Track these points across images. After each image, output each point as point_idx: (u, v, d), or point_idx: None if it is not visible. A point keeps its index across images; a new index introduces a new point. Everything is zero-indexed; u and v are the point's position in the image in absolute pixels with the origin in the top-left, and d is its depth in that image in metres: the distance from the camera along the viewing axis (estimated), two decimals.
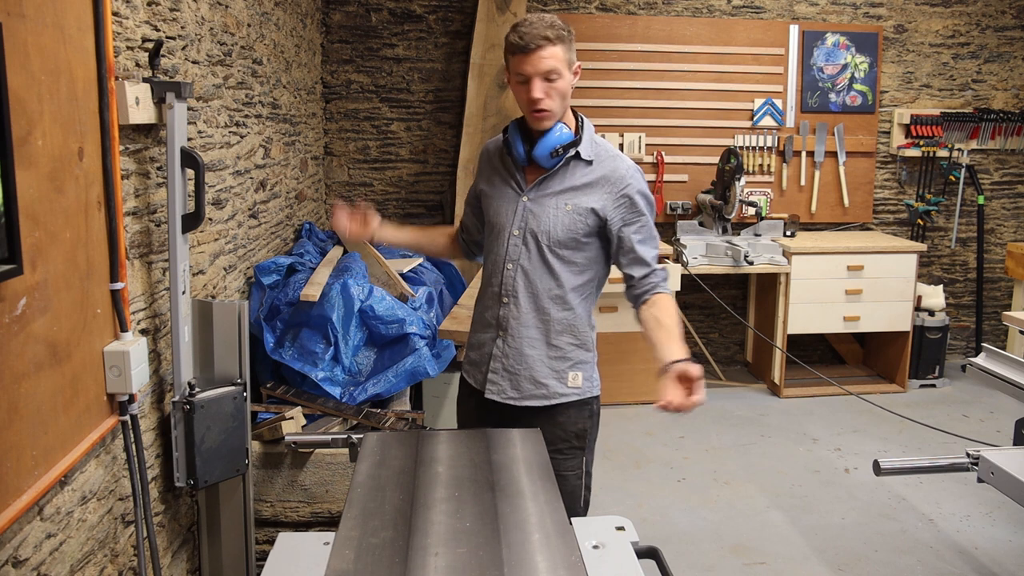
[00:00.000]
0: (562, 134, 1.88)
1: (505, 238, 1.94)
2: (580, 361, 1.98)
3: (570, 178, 1.92)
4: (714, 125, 4.77)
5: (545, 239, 1.90)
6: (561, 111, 1.87)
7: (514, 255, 1.93)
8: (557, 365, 1.95)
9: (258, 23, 3.00)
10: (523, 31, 1.80)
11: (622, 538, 1.56)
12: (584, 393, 1.98)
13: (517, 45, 1.80)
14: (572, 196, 1.90)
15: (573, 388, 1.97)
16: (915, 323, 4.60)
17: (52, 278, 1.45)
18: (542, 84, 1.81)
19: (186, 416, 1.96)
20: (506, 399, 1.96)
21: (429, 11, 4.55)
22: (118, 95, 1.70)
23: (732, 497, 3.36)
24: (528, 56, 1.79)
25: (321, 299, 2.72)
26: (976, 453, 2.04)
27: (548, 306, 1.93)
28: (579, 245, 1.91)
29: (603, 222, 1.90)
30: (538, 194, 1.92)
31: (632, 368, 4.37)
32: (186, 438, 1.97)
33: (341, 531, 1.36)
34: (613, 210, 1.90)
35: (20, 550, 1.39)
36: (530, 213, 1.92)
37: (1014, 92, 5.00)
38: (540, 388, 1.95)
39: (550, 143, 1.87)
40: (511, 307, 1.94)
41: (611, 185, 1.90)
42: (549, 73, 1.80)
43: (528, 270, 1.93)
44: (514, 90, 1.87)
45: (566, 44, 1.82)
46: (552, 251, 1.91)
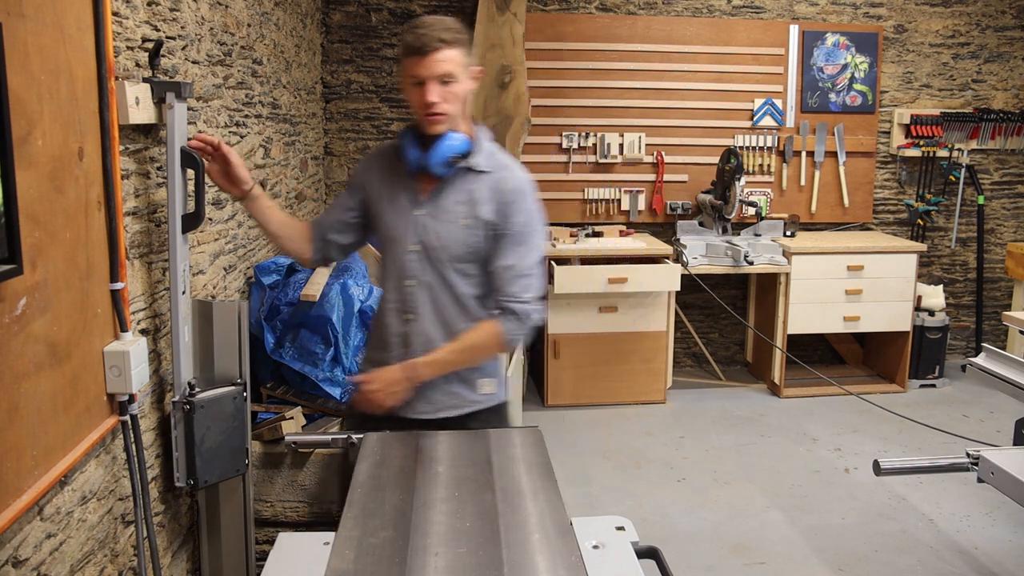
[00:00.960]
0: (457, 142, 1.82)
1: (402, 253, 1.88)
2: (490, 368, 1.95)
3: (465, 190, 1.85)
4: (714, 125, 4.77)
5: (444, 254, 1.85)
6: (456, 116, 1.82)
7: (413, 271, 1.87)
8: (466, 374, 1.92)
9: (258, 23, 3.00)
10: (420, 32, 1.76)
11: (622, 538, 1.56)
12: (496, 399, 1.97)
13: (412, 47, 1.75)
14: (468, 209, 1.84)
15: (484, 395, 1.95)
16: (915, 323, 4.60)
17: (52, 278, 1.45)
18: (437, 87, 1.76)
19: (186, 416, 1.95)
20: (419, 415, 1.91)
21: (429, 11, 4.55)
22: (118, 95, 1.70)
23: (732, 497, 3.36)
24: (423, 59, 1.75)
25: (321, 299, 2.72)
26: (976, 453, 2.04)
27: (453, 319, 1.88)
28: (478, 258, 1.86)
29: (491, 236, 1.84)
30: (434, 207, 1.86)
31: (632, 368, 4.38)
32: (186, 438, 1.97)
33: (341, 531, 1.36)
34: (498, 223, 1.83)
35: (20, 550, 1.39)
36: (426, 227, 1.86)
37: (1014, 92, 5.00)
38: (452, 398, 1.92)
39: (445, 151, 1.81)
40: (415, 323, 1.89)
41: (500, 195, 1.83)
42: (444, 76, 1.76)
43: (430, 285, 1.87)
44: (409, 93, 1.81)
45: (463, 48, 1.80)
46: (452, 266, 1.85)
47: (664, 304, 4.33)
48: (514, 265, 1.83)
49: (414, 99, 1.80)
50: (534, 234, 1.86)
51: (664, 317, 4.34)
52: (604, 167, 4.75)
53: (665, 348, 4.39)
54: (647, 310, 4.32)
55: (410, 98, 1.82)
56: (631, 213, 4.79)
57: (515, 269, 1.83)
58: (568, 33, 4.63)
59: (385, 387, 1.84)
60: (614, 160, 4.72)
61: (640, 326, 4.33)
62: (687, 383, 4.77)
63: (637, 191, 4.78)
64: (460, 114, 1.84)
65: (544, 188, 4.72)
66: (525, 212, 1.84)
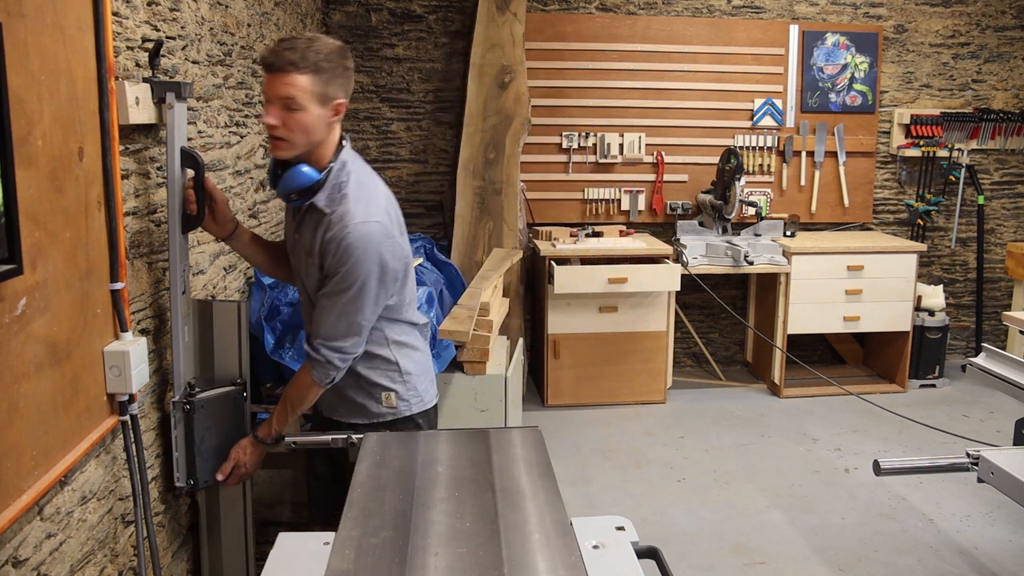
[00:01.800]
0: (302, 175, 1.73)
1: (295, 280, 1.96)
2: (391, 384, 1.99)
3: (311, 225, 1.78)
4: (714, 125, 4.77)
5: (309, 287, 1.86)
6: (303, 146, 1.72)
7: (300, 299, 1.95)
8: (370, 389, 1.98)
9: (258, 23, 3.00)
10: (277, 47, 1.67)
11: (622, 538, 1.56)
12: (401, 412, 2.01)
13: (264, 61, 1.67)
14: (310, 246, 1.79)
15: (388, 408, 2.00)
16: (915, 323, 4.60)
17: (52, 278, 1.45)
18: (279, 111, 1.67)
19: (186, 416, 1.96)
20: (337, 416, 2.02)
21: (429, 11, 4.55)
22: (118, 95, 1.70)
23: (732, 497, 3.36)
24: (271, 77, 1.67)
25: None
26: (976, 453, 2.04)
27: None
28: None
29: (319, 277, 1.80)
30: (295, 240, 1.88)
31: (632, 368, 4.38)
32: (186, 438, 1.97)
33: (341, 531, 1.36)
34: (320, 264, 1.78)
35: (20, 550, 1.39)
36: (296, 255, 1.89)
37: (1014, 92, 5.00)
38: (359, 408, 2.00)
39: (288, 184, 1.75)
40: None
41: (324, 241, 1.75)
42: (288, 101, 1.65)
43: (309, 314, 1.89)
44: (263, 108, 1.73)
45: (321, 76, 1.66)
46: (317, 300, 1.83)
47: (664, 304, 4.33)
48: (327, 316, 1.79)
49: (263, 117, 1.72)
50: (353, 288, 1.75)
51: (664, 317, 4.34)
52: (604, 167, 4.75)
53: (665, 348, 4.39)
54: (647, 310, 4.32)
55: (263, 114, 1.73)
56: (631, 213, 4.79)
57: (326, 320, 1.79)
58: (568, 33, 4.63)
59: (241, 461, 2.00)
60: (614, 160, 4.73)
61: (640, 326, 4.33)
62: (687, 383, 4.77)
63: (637, 191, 4.78)
64: (309, 144, 1.73)
65: (544, 188, 4.73)
66: (347, 265, 1.73)
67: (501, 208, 4.28)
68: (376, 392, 1.99)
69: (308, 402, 1.93)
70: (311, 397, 1.92)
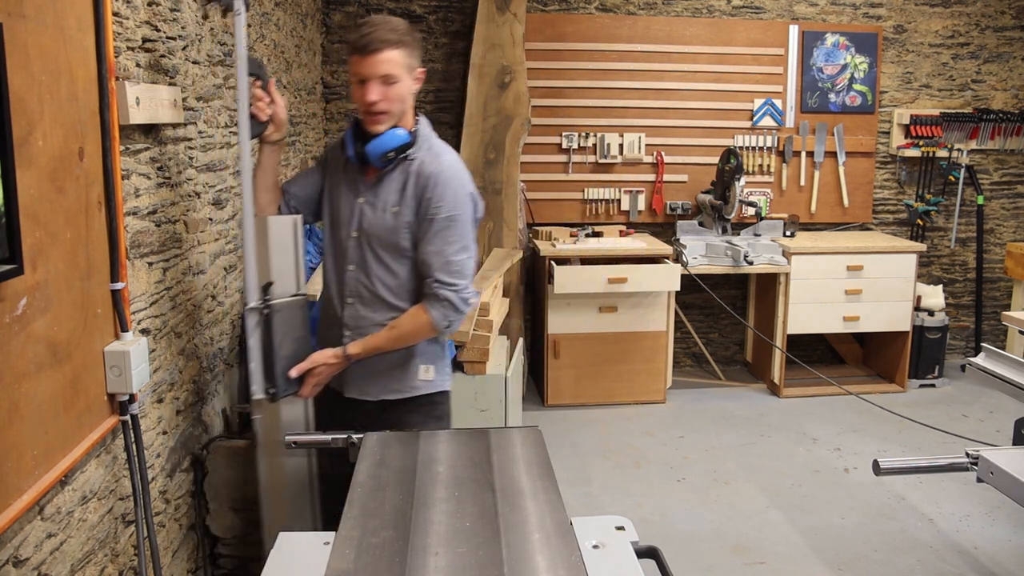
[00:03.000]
0: (395, 137, 1.88)
1: (344, 238, 1.97)
2: (429, 354, 2.02)
3: (400, 180, 1.92)
4: (714, 125, 4.78)
5: (378, 242, 1.92)
6: (399, 115, 1.89)
7: (354, 256, 1.95)
8: (406, 358, 1.99)
9: (258, 23, 3.00)
10: (364, 32, 1.81)
11: (622, 538, 1.56)
12: (436, 387, 2.04)
13: (356, 46, 1.80)
14: (398, 197, 1.91)
15: (424, 380, 2.02)
16: (915, 323, 4.60)
17: (52, 278, 1.46)
18: (379, 87, 1.82)
19: (264, 320, 1.87)
20: (363, 395, 2.01)
21: (429, 11, 4.56)
22: (118, 95, 1.70)
23: (732, 497, 3.36)
24: (366, 58, 1.80)
25: None
26: (975, 453, 2.04)
27: (390, 303, 1.95)
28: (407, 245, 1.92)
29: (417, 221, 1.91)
30: (372, 196, 1.94)
31: (632, 368, 4.38)
32: (263, 345, 1.88)
33: (341, 531, 1.36)
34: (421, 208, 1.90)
35: (21, 550, 1.39)
36: (364, 215, 1.94)
37: (1013, 92, 5.01)
38: (393, 382, 2.00)
39: (382, 146, 1.87)
40: (356, 307, 1.97)
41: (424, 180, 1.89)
42: (387, 77, 1.82)
43: (368, 271, 1.95)
44: (353, 90, 1.88)
45: (407, 49, 1.84)
46: (386, 253, 1.92)
47: (664, 304, 4.33)
48: (441, 251, 1.88)
49: (356, 97, 1.87)
50: (459, 220, 1.89)
51: (664, 317, 4.34)
52: (604, 167, 4.75)
53: (665, 348, 4.39)
54: (647, 310, 4.32)
55: (354, 95, 1.88)
56: (631, 213, 4.79)
57: (442, 255, 1.89)
58: (568, 33, 4.63)
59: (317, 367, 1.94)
60: (614, 160, 4.73)
61: (640, 326, 4.33)
62: (687, 383, 4.77)
63: (637, 191, 4.78)
64: (401, 112, 1.89)
65: (544, 188, 4.73)
66: (448, 199, 1.88)
67: (501, 208, 4.28)
68: (414, 364, 2.00)
69: (415, 341, 1.96)
70: (421, 337, 1.95)
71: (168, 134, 2.07)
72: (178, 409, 2.17)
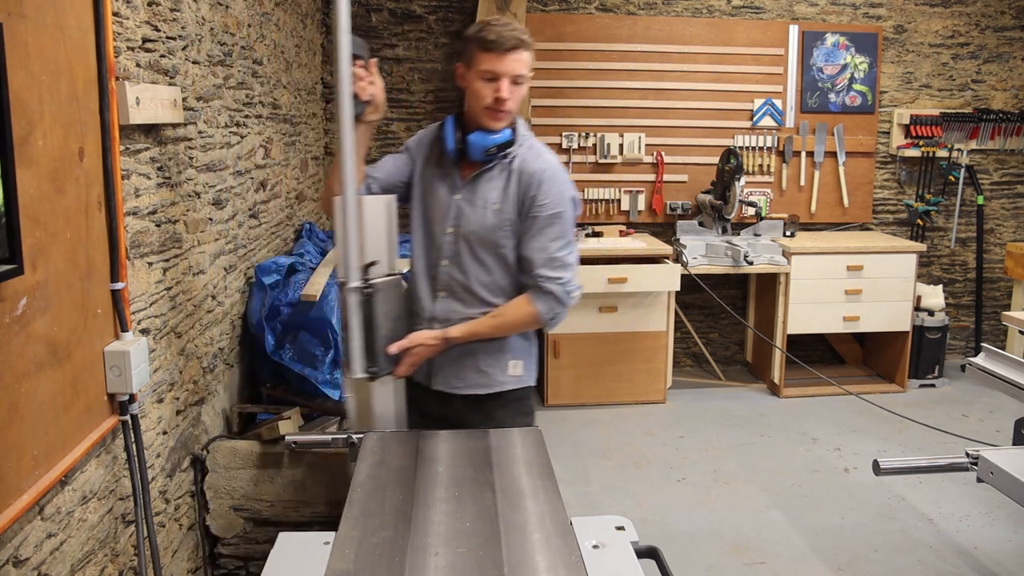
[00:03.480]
0: (500, 134, 1.91)
1: (438, 234, 1.97)
2: (520, 350, 2.03)
3: (500, 177, 1.94)
4: (714, 125, 4.78)
5: (476, 238, 1.94)
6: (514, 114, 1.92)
7: (448, 252, 1.96)
8: (497, 353, 2.00)
9: (258, 23, 3.00)
10: (499, 31, 1.83)
11: (622, 538, 1.56)
12: (523, 382, 2.05)
13: (493, 43, 1.83)
14: (500, 194, 1.93)
15: (513, 376, 2.03)
16: (915, 323, 4.60)
17: (52, 278, 1.46)
18: (509, 86, 1.85)
19: (366, 300, 1.83)
20: (451, 388, 2.01)
21: (429, 11, 4.56)
22: (118, 95, 1.71)
23: (732, 497, 3.36)
24: (503, 56, 1.83)
25: (320, 301, 2.72)
26: (975, 453, 2.04)
27: (484, 299, 1.97)
28: (506, 243, 1.94)
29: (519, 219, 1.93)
30: (470, 193, 1.95)
31: (632, 368, 4.38)
32: (365, 324, 1.84)
33: (341, 531, 1.36)
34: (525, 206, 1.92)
35: (21, 550, 1.39)
36: (461, 211, 1.94)
37: (1013, 92, 5.01)
38: (482, 376, 2.00)
39: (486, 140, 1.89)
40: (448, 302, 1.98)
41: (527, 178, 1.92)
42: (518, 76, 1.85)
43: (463, 266, 1.96)
44: (476, 87, 1.87)
45: (531, 52, 1.89)
46: (484, 249, 1.94)
47: (664, 304, 4.33)
48: (545, 247, 1.91)
49: (483, 93, 1.86)
50: (562, 216, 1.92)
51: (664, 317, 4.34)
52: (604, 167, 4.75)
53: (665, 348, 4.39)
54: (647, 310, 4.32)
55: (476, 91, 1.87)
56: (631, 213, 4.79)
57: (547, 251, 1.91)
58: (568, 33, 4.63)
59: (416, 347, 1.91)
60: (614, 160, 4.73)
61: (640, 326, 4.33)
62: (687, 383, 4.77)
63: (637, 191, 4.78)
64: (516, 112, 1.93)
65: None
66: (553, 196, 1.91)
67: None
68: (504, 359, 2.01)
69: (515, 332, 1.99)
70: (522, 328, 1.98)
71: (168, 134, 2.07)
72: (178, 409, 2.17)
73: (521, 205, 1.92)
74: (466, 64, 1.89)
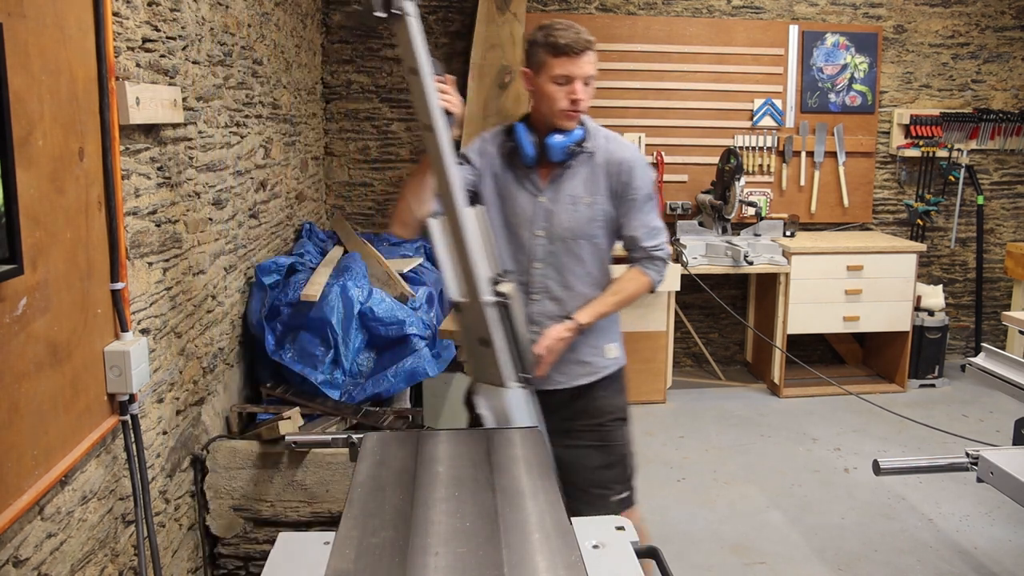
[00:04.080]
0: (575, 132, 1.97)
1: (526, 238, 2.01)
2: (612, 332, 2.11)
3: (584, 172, 2.00)
4: (714, 125, 4.77)
5: (570, 234, 1.99)
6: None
7: (541, 254, 2.00)
8: (594, 341, 2.06)
9: (258, 23, 3.00)
10: (569, 35, 1.89)
11: (622, 538, 1.56)
12: (620, 363, 2.13)
13: (564, 47, 1.89)
14: (590, 187, 1.99)
15: (612, 359, 2.11)
16: (915, 323, 4.60)
17: (52, 278, 1.46)
18: (582, 87, 1.91)
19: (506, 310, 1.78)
20: (555, 385, 2.05)
21: (429, 11, 4.55)
22: (118, 95, 1.71)
23: (732, 497, 3.36)
24: (575, 59, 1.89)
25: (321, 301, 2.72)
26: (975, 453, 2.04)
27: (582, 293, 2.03)
28: (599, 232, 2.02)
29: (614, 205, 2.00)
30: (554, 193, 1.99)
31: (632, 368, 4.30)
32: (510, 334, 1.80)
33: (341, 531, 1.36)
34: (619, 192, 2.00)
35: (21, 550, 1.39)
36: (550, 212, 1.99)
37: (1013, 92, 5.01)
38: (584, 367, 2.06)
39: (567, 141, 1.95)
40: (543, 303, 2.02)
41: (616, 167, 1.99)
42: (589, 78, 1.92)
43: (558, 265, 2.01)
44: (549, 91, 1.92)
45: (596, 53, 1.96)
46: (577, 242, 2.00)
47: (664, 304, 4.33)
48: (645, 223, 2.03)
49: (555, 96, 1.92)
50: (652, 193, 2.06)
51: (664, 317, 4.34)
52: None
53: (665, 348, 4.39)
54: (647, 310, 4.32)
55: (550, 94, 1.92)
56: None
57: (648, 225, 2.03)
58: None
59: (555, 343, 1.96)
60: None
61: (640, 326, 4.33)
62: (687, 383, 4.77)
63: None
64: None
65: None
66: (641, 176, 2.01)
67: None
68: (600, 345, 2.08)
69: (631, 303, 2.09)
70: (638, 297, 2.08)
71: (168, 134, 2.07)
72: (178, 409, 2.17)
73: (615, 193, 2.00)
74: (535, 69, 1.94)
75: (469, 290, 1.79)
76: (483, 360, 1.84)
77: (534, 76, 1.94)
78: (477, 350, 1.84)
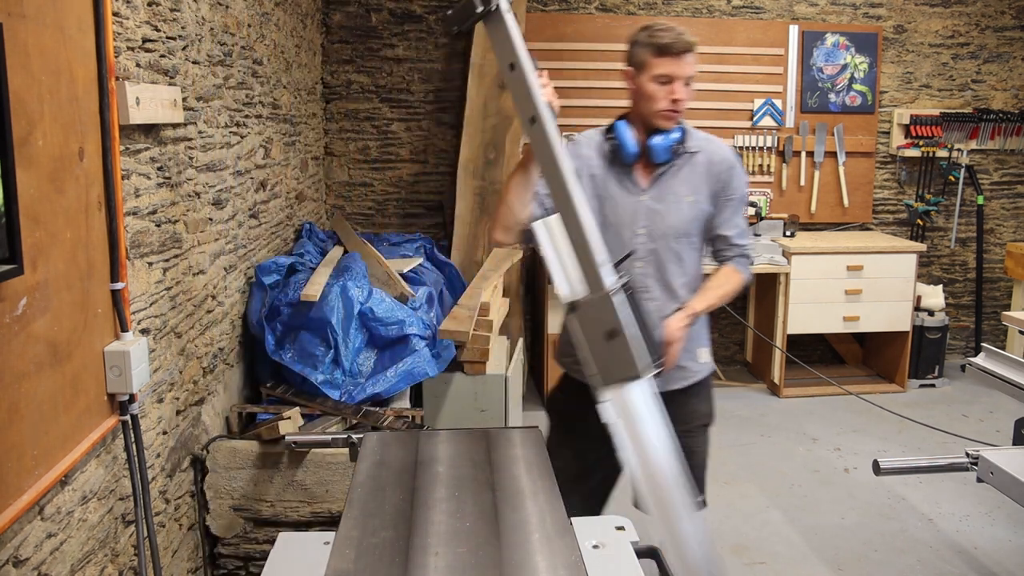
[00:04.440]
0: (676, 132, 1.99)
1: (627, 237, 2.00)
2: (704, 337, 2.11)
3: (684, 171, 2.01)
4: (714, 125, 4.76)
5: (671, 232, 2.00)
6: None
7: (643, 253, 2.01)
8: (689, 345, 2.03)
9: (258, 23, 3.00)
10: (671, 36, 1.90)
11: (622, 538, 1.56)
12: (710, 368, 2.13)
13: (667, 48, 1.90)
14: (691, 187, 2.00)
15: (704, 363, 2.10)
16: (915, 323, 4.60)
17: (53, 278, 1.46)
18: (683, 87, 1.93)
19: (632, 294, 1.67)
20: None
21: (429, 11, 4.55)
22: (118, 95, 1.71)
23: (732, 497, 3.36)
24: (677, 59, 1.90)
25: (321, 301, 2.72)
26: (975, 453, 2.04)
27: (680, 293, 2.03)
28: (696, 231, 2.03)
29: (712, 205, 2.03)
30: (657, 191, 2.00)
31: None
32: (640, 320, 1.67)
33: (341, 531, 1.36)
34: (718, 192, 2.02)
35: (21, 550, 1.39)
36: (652, 211, 1.99)
37: (1013, 92, 5.00)
38: (679, 371, 2.04)
39: (669, 141, 1.97)
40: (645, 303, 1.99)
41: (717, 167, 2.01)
42: (689, 78, 1.93)
43: (660, 265, 2.02)
44: (650, 90, 1.93)
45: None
46: (677, 240, 2.01)
47: None
48: (739, 224, 2.06)
49: (656, 95, 1.93)
50: (746, 194, 2.10)
51: None
52: None
53: None
54: None
55: (651, 94, 1.94)
56: None
57: (739, 225, 2.06)
58: (568, 33, 4.63)
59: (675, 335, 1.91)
60: None
61: None
62: None
63: None
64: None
65: None
66: (739, 177, 2.04)
67: None
68: (694, 350, 2.06)
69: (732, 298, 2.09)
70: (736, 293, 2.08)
71: (168, 134, 2.07)
72: (178, 409, 2.17)
73: (714, 193, 2.02)
74: (636, 68, 1.95)
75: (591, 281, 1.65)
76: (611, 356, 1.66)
77: (635, 75, 1.96)
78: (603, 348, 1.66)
